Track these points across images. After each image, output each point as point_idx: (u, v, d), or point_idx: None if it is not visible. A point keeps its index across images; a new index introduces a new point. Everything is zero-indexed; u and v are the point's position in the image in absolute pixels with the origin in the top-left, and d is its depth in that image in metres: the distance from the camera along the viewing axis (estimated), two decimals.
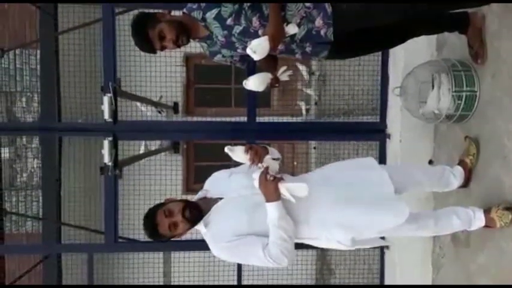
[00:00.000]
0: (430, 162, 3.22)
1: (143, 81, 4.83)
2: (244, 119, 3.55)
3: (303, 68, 5.53)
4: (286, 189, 1.98)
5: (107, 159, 3.28)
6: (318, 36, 2.17)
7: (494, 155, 2.56)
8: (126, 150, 4.46)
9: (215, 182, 2.22)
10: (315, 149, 5.67)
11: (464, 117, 2.77)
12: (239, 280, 3.83)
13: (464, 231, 2.63)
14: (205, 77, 6.18)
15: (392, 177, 2.22)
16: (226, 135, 3.67)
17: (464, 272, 2.84)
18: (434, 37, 3.11)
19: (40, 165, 5.23)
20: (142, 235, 3.79)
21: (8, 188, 5.65)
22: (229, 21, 2.11)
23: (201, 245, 3.38)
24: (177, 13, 2.30)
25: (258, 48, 2.03)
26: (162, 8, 3.11)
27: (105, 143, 3.28)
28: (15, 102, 5.74)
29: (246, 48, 2.06)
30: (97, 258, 4.48)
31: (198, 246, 3.60)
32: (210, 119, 5.24)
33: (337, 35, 2.17)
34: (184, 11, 2.20)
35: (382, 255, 3.72)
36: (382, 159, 3.50)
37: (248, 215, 2.03)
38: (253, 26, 2.11)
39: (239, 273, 3.80)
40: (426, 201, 3.16)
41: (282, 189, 1.98)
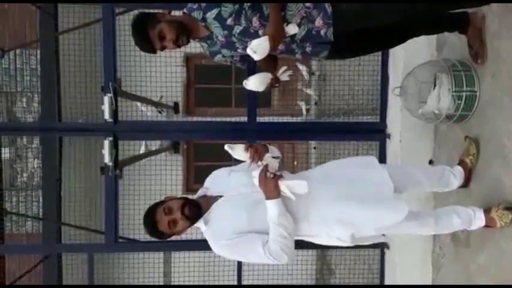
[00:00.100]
0: (430, 162, 3.22)
1: (143, 81, 4.83)
2: (244, 119, 3.56)
3: (303, 68, 5.53)
4: (286, 186, 1.98)
5: (107, 159, 3.28)
6: (318, 36, 2.17)
7: (494, 155, 2.56)
8: (127, 150, 4.47)
9: (215, 180, 2.23)
10: (315, 149, 5.66)
11: (464, 117, 2.77)
12: (239, 280, 3.83)
13: (464, 231, 2.64)
14: (206, 77, 6.18)
15: (392, 177, 2.22)
16: (227, 135, 3.67)
17: (464, 272, 2.83)
18: (434, 37, 3.11)
19: (40, 165, 5.23)
20: (143, 235, 3.80)
21: (9, 188, 5.65)
22: (229, 21, 2.11)
23: (201, 245, 3.40)
24: (177, 13, 2.30)
25: (258, 48, 2.03)
26: (162, 8, 3.11)
27: (106, 143, 3.28)
28: (16, 102, 5.74)
29: (246, 48, 2.06)
30: (97, 258, 4.48)
31: (198, 246, 3.61)
32: (210, 119, 5.23)
33: (337, 35, 2.18)
34: (184, 11, 2.20)
35: (382, 255, 3.72)
36: (382, 159, 3.50)
37: (248, 213, 2.03)
38: (254, 26, 2.11)
39: (239, 273, 3.80)
40: (426, 201, 3.16)
41: (281, 186, 1.99)
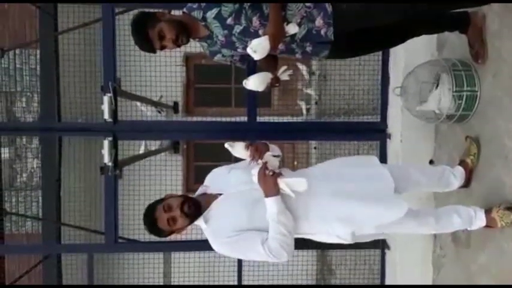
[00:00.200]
0: (431, 162, 3.21)
1: (143, 81, 4.83)
2: (244, 119, 3.55)
3: (303, 68, 5.53)
4: (285, 184, 1.98)
5: (106, 159, 3.28)
6: (318, 35, 2.16)
7: (495, 154, 2.56)
8: (126, 150, 4.46)
9: (215, 178, 2.23)
10: (315, 148, 5.66)
11: (465, 117, 2.76)
12: (239, 280, 3.82)
13: (465, 231, 2.63)
14: (206, 76, 6.17)
15: (393, 176, 2.23)
16: (227, 135, 3.65)
17: (464, 272, 2.83)
18: (435, 37, 3.11)
19: (40, 165, 5.23)
20: (143, 235, 3.80)
21: (8, 188, 5.65)
22: (229, 21, 2.11)
23: (201, 245, 3.40)
24: (177, 13, 2.29)
25: (258, 47, 2.03)
26: (162, 8, 3.11)
27: (105, 143, 3.28)
28: (15, 102, 5.73)
29: (246, 47, 2.06)
30: (97, 258, 4.48)
31: (198, 246, 3.61)
32: (210, 119, 5.23)
33: (338, 35, 2.17)
34: (184, 10, 2.19)
35: (383, 256, 3.71)
36: (382, 159, 3.49)
37: (248, 211, 2.03)
38: (254, 25, 2.11)
39: (239, 274, 3.80)
40: (427, 200, 3.15)
41: (281, 184, 1.98)
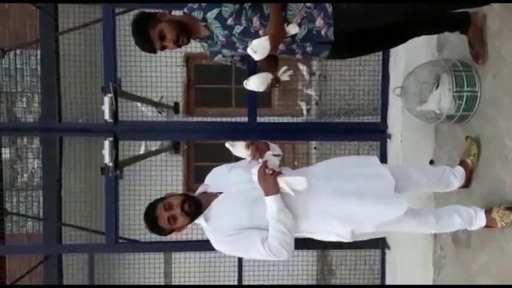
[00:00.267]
0: (431, 162, 3.21)
1: (144, 81, 4.83)
2: (245, 119, 3.56)
3: (303, 68, 5.53)
4: (285, 183, 1.99)
5: (107, 160, 3.28)
6: (319, 36, 2.17)
7: (496, 155, 2.56)
8: (127, 151, 4.46)
9: (215, 177, 2.23)
10: (315, 149, 5.65)
11: (465, 118, 2.76)
12: (239, 280, 3.82)
13: (465, 231, 2.63)
14: (206, 77, 6.18)
15: (393, 175, 2.23)
16: (227, 136, 3.65)
17: (465, 273, 2.83)
18: (435, 37, 3.11)
19: (41, 165, 5.23)
20: (143, 235, 3.81)
21: (9, 189, 5.65)
22: (229, 21, 2.11)
23: (201, 245, 3.42)
24: (177, 13, 2.29)
25: (258, 48, 2.03)
26: (162, 8, 3.11)
27: (106, 144, 3.28)
28: (16, 102, 5.73)
29: (246, 48, 2.06)
30: (98, 258, 4.48)
31: (199, 246, 3.62)
32: (210, 119, 5.23)
33: (338, 35, 2.17)
34: (184, 10, 2.20)
35: (383, 256, 3.71)
36: (383, 160, 3.49)
37: (248, 210, 2.04)
38: (254, 26, 2.11)
39: (239, 274, 3.80)
40: (427, 200, 3.15)
41: (281, 183, 1.99)
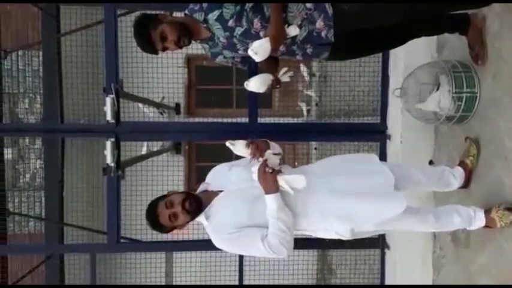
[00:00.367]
0: (431, 162, 3.22)
1: (145, 82, 4.85)
2: (245, 120, 3.57)
3: (303, 69, 5.54)
4: (284, 181, 2.00)
5: (109, 160, 3.30)
6: (319, 37, 2.18)
7: (495, 155, 2.57)
8: (128, 151, 4.48)
9: (216, 175, 2.25)
10: (316, 149, 5.67)
11: (465, 118, 2.77)
12: (240, 280, 3.84)
13: (465, 231, 2.64)
14: (207, 78, 6.20)
15: (393, 173, 2.24)
16: (228, 136, 3.63)
17: (464, 273, 2.84)
18: (435, 38, 3.12)
19: (43, 166, 5.25)
20: (145, 235, 3.82)
21: (11, 189, 5.66)
22: (230, 23, 2.12)
23: (202, 245, 3.43)
24: (178, 14, 2.31)
25: (259, 49, 2.05)
26: (164, 10, 3.13)
27: (108, 144, 3.30)
28: (18, 103, 5.75)
29: (247, 49, 2.07)
30: (99, 258, 4.49)
31: (200, 246, 3.63)
32: (211, 120, 5.25)
33: (338, 36, 2.19)
34: (186, 12, 2.21)
35: (383, 256, 3.72)
36: (382, 160, 3.49)
37: (248, 208, 2.05)
38: (255, 27, 2.13)
39: (240, 273, 3.81)
40: (427, 200, 3.16)
41: (280, 181, 2.01)
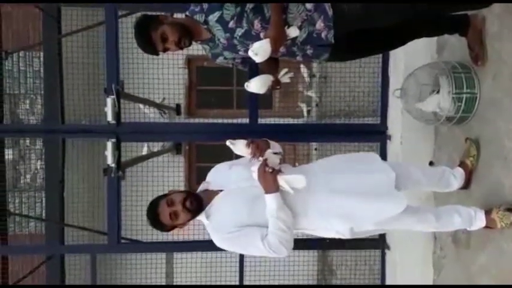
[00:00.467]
0: (431, 163, 3.23)
1: (146, 83, 4.86)
2: (246, 121, 3.57)
3: (304, 70, 5.55)
4: (284, 181, 2.01)
5: (110, 161, 3.31)
6: (319, 39, 2.19)
7: (495, 156, 2.57)
8: (129, 152, 4.48)
9: (216, 174, 2.25)
10: (316, 150, 5.67)
11: (465, 119, 2.78)
12: (241, 280, 3.84)
13: (465, 232, 2.65)
14: (208, 79, 6.21)
15: (394, 171, 2.24)
16: (228, 137, 3.63)
17: (465, 273, 2.84)
18: (435, 39, 3.12)
19: (43, 166, 5.25)
20: (145, 236, 3.82)
21: (12, 189, 5.68)
22: (231, 24, 2.13)
23: (203, 245, 3.44)
24: (179, 16, 2.32)
25: (259, 50, 2.05)
26: (164, 11, 3.14)
27: (108, 145, 3.30)
28: (19, 104, 5.76)
29: (247, 50, 2.08)
30: (100, 259, 4.50)
31: (200, 247, 3.64)
32: (212, 121, 5.26)
33: (338, 37, 2.19)
34: (186, 13, 2.22)
35: (383, 256, 3.72)
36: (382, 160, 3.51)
37: (248, 207, 2.06)
38: (255, 28, 2.13)
39: (241, 274, 3.82)
40: (427, 200, 3.16)
41: (280, 181, 2.01)
